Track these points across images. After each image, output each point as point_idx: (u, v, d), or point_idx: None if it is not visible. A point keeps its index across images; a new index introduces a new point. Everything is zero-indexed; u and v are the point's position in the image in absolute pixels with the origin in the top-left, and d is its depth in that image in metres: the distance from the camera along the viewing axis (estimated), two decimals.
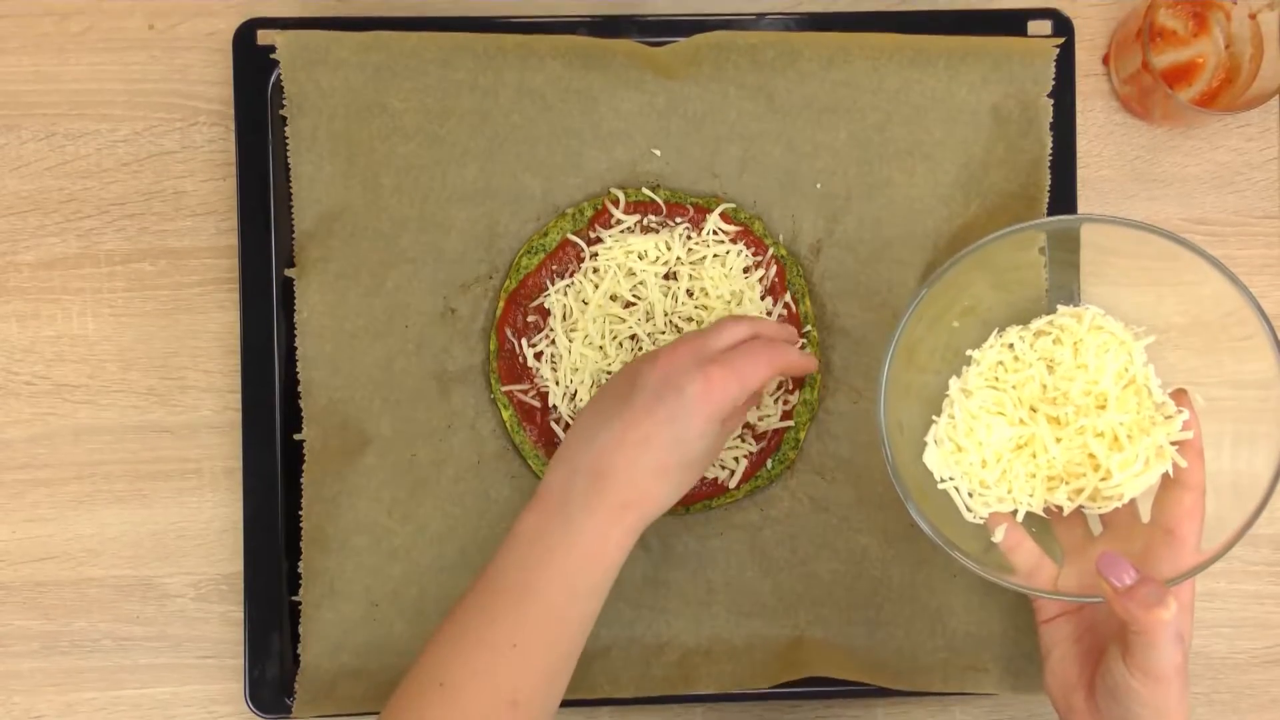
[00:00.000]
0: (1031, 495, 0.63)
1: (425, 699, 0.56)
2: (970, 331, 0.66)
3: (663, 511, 0.60)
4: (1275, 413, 0.59)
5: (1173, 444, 0.61)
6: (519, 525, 0.59)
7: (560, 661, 0.58)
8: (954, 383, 0.65)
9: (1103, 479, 0.61)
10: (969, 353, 0.65)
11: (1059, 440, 0.62)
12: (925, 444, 0.64)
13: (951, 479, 0.64)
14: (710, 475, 0.71)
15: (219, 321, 0.74)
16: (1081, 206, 0.74)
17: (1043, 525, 0.64)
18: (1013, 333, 0.65)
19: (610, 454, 0.59)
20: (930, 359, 0.66)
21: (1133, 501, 0.62)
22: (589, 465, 0.59)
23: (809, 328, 0.71)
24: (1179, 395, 0.62)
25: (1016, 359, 0.64)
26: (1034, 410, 0.63)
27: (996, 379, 0.64)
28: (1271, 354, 0.59)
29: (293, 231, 0.71)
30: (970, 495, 0.64)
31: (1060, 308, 0.65)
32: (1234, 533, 0.59)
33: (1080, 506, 0.63)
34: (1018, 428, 0.63)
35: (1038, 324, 0.65)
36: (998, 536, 0.62)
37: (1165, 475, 0.61)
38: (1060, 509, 0.63)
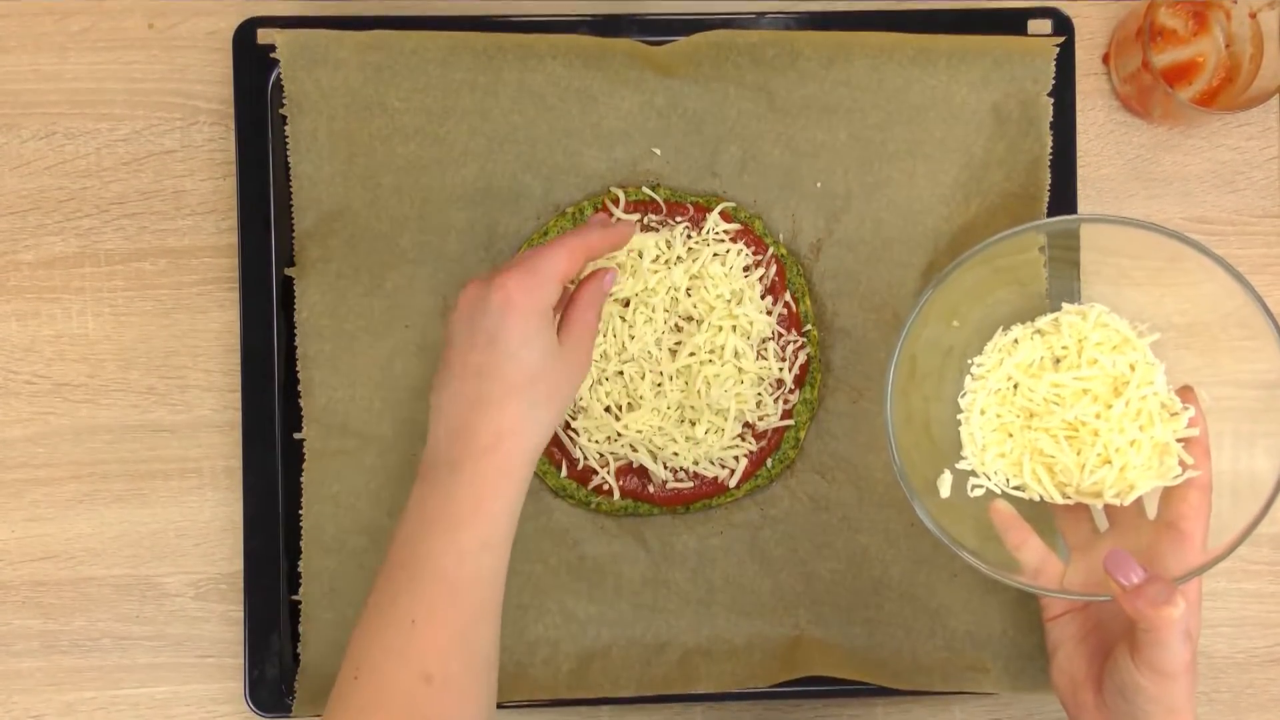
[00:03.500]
0: (1042, 488, 0.64)
1: (345, 696, 0.55)
2: (972, 330, 0.66)
3: (541, 437, 0.58)
4: (1279, 412, 0.59)
5: (1179, 441, 0.61)
6: (405, 506, 0.58)
7: (470, 626, 0.56)
8: (968, 381, 0.65)
9: (1111, 473, 0.61)
10: (972, 360, 0.65)
11: (1070, 438, 0.62)
12: (937, 446, 0.65)
13: (980, 478, 0.65)
14: (710, 474, 0.71)
15: (219, 321, 0.74)
16: (1081, 206, 0.74)
17: (1047, 523, 0.65)
18: (1017, 330, 0.65)
19: (456, 405, 0.57)
20: (933, 359, 0.66)
21: (1139, 498, 0.62)
22: (444, 427, 0.58)
23: (809, 326, 0.71)
24: (1185, 392, 0.62)
25: (1029, 370, 0.64)
26: (1044, 408, 0.63)
27: (1009, 378, 0.64)
28: (1276, 354, 0.59)
29: (293, 231, 0.71)
30: (989, 478, 0.65)
31: (1065, 305, 0.65)
32: (1240, 532, 0.59)
33: (1087, 503, 0.63)
34: (1029, 433, 0.64)
35: (1043, 322, 0.65)
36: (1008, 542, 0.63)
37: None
38: (1069, 503, 0.64)
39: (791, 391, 0.71)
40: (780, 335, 0.71)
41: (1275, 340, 0.59)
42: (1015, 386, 0.64)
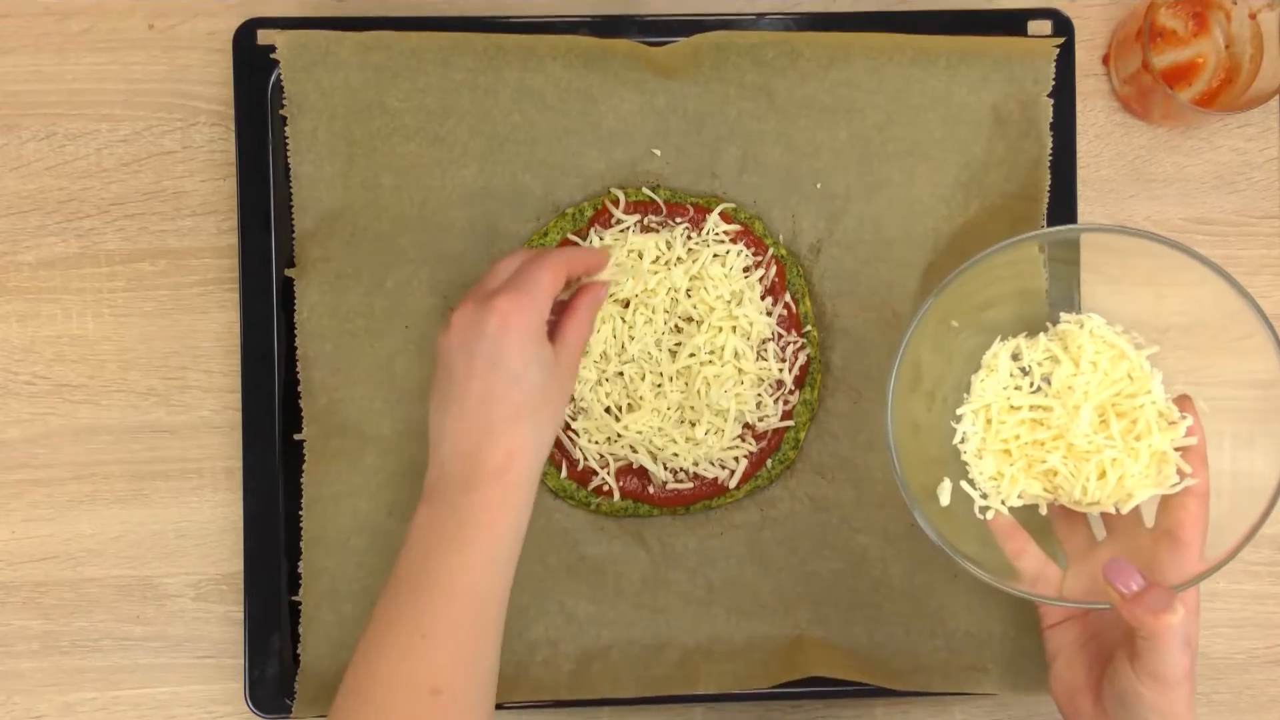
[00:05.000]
0: (1039, 497, 0.64)
1: (352, 709, 0.56)
2: (974, 334, 0.66)
3: (544, 453, 0.60)
4: (1277, 413, 0.59)
5: (1176, 450, 0.61)
6: (412, 524, 0.59)
7: (477, 641, 0.58)
8: (966, 403, 0.65)
9: (1109, 483, 0.61)
10: (973, 377, 0.65)
11: (1068, 450, 0.62)
12: (938, 454, 0.64)
13: (979, 495, 0.64)
14: (710, 475, 0.71)
15: (219, 321, 0.74)
16: (1081, 206, 0.74)
17: (1046, 532, 0.65)
18: (1013, 343, 0.65)
19: (462, 430, 0.59)
20: (935, 366, 0.66)
21: (1137, 507, 0.62)
22: (451, 452, 0.59)
23: (809, 327, 0.71)
24: (1182, 401, 0.62)
25: (1024, 372, 0.64)
26: (1040, 421, 0.63)
27: (1008, 397, 0.64)
28: (1273, 354, 0.58)
29: (293, 231, 0.71)
30: (984, 497, 0.64)
31: (1063, 316, 0.65)
32: (1240, 538, 0.58)
33: (1085, 511, 0.63)
34: (1027, 449, 0.64)
35: (1044, 338, 0.65)
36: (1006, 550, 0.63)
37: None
38: (1064, 511, 0.64)
39: (791, 392, 0.71)
40: (780, 336, 0.71)
41: (1271, 341, 0.58)
42: (1012, 407, 0.64)
